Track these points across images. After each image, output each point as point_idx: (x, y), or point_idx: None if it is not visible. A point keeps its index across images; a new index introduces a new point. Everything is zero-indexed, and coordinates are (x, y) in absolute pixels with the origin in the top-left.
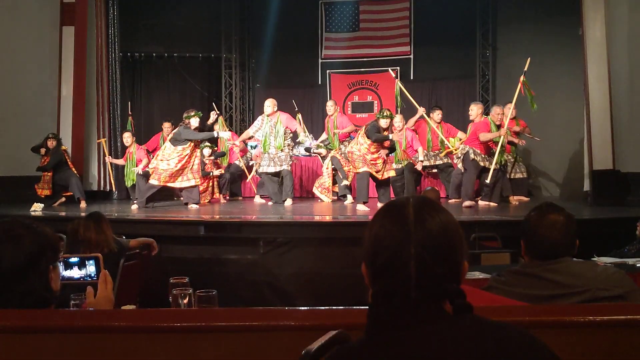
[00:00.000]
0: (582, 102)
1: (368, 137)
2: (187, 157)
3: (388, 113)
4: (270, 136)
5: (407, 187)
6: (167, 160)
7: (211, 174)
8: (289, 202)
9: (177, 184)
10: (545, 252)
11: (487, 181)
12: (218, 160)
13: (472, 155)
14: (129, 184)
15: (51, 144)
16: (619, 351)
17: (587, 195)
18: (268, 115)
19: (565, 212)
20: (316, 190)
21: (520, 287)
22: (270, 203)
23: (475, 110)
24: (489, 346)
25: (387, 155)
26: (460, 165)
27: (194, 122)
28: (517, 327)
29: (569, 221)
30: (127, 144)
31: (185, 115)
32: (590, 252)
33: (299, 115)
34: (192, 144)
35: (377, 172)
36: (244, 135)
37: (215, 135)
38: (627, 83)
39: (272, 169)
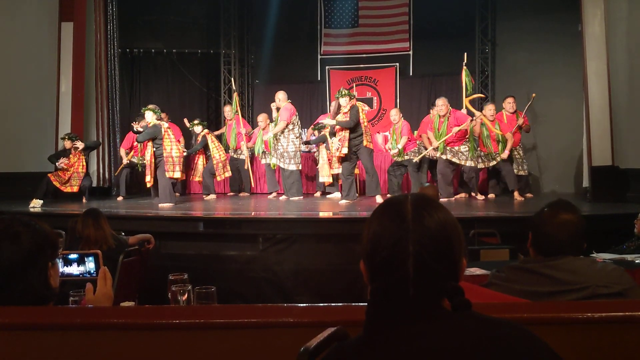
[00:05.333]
0: (581, 98)
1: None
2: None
3: (341, 92)
4: (272, 124)
5: (413, 183)
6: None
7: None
8: (294, 198)
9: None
10: (550, 249)
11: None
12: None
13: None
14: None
15: (67, 144)
16: (618, 348)
17: (586, 192)
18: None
19: (579, 213)
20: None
21: (520, 283)
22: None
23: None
24: (487, 343)
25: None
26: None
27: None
28: (515, 324)
29: (579, 223)
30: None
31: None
32: (590, 249)
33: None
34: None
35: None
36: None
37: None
38: (626, 79)
39: (274, 160)
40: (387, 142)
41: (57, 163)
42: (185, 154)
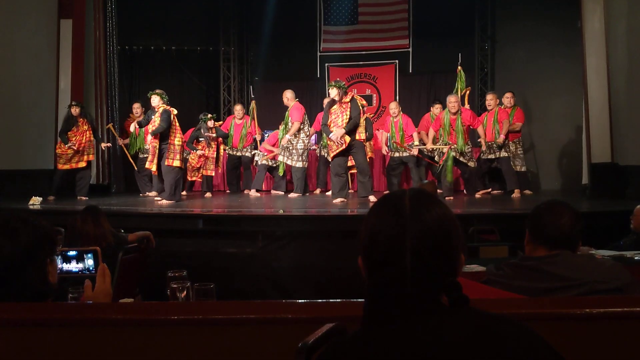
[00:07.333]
0: (580, 95)
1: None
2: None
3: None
4: (283, 124)
5: (413, 179)
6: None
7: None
8: (293, 195)
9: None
10: (551, 237)
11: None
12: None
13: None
14: (133, 151)
15: (75, 111)
16: (616, 343)
17: (585, 188)
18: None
19: (574, 210)
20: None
21: (519, 280)
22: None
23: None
24: (485, 339)
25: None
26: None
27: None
28: (513, 319)
29: (576, 216)
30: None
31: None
32: (589, 245)
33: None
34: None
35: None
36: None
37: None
38: (626, 76)
39: (280, 158)
40: (386, 140)
41: (69, 145)
42: (201, 138)
